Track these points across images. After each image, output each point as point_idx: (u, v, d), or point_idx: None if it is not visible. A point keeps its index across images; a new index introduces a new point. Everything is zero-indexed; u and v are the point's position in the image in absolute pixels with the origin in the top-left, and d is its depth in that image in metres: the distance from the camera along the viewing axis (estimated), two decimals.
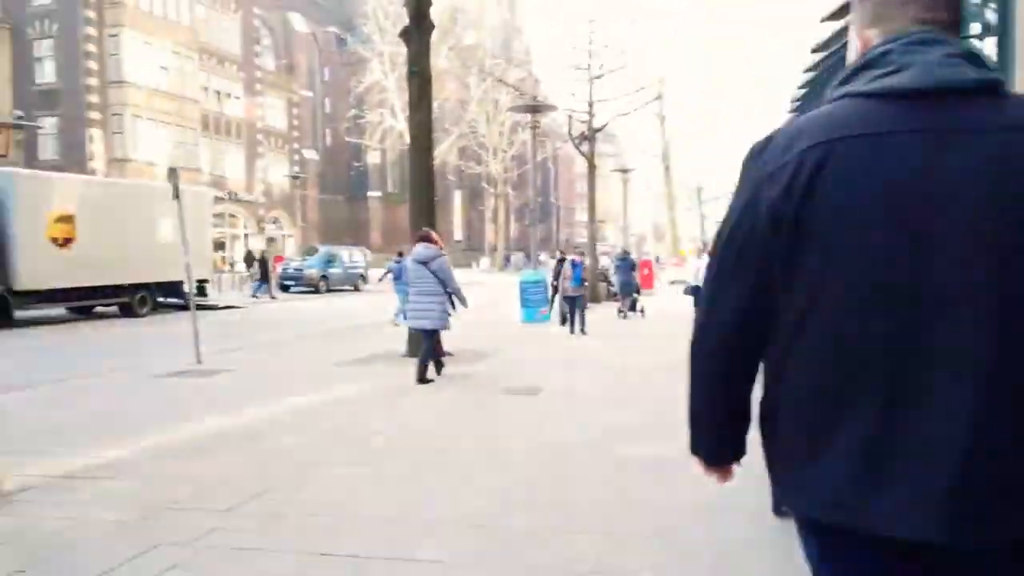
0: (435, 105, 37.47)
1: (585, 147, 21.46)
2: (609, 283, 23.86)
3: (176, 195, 10.12)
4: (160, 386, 8.27)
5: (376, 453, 5.19)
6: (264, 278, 24.93)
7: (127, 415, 6.61)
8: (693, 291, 14.33)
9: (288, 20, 56.77)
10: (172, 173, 10.08)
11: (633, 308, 16.92)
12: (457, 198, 65.34)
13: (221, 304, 20.47)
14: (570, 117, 20.86)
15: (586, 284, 12.20)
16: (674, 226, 39.21)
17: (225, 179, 36.57)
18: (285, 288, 27.66)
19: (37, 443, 5.56)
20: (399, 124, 41.26)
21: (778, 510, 3.43)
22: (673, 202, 38.51)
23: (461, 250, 64.14)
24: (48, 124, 30.17)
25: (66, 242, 15.52)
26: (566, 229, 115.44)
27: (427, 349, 8.14)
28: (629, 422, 6.04)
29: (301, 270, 27.32)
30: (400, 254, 20.21)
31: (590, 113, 21.61)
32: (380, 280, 19.38)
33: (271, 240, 39.08)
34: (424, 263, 7.93)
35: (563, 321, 13.08)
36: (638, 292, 18.02)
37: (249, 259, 27.97)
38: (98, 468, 4.86)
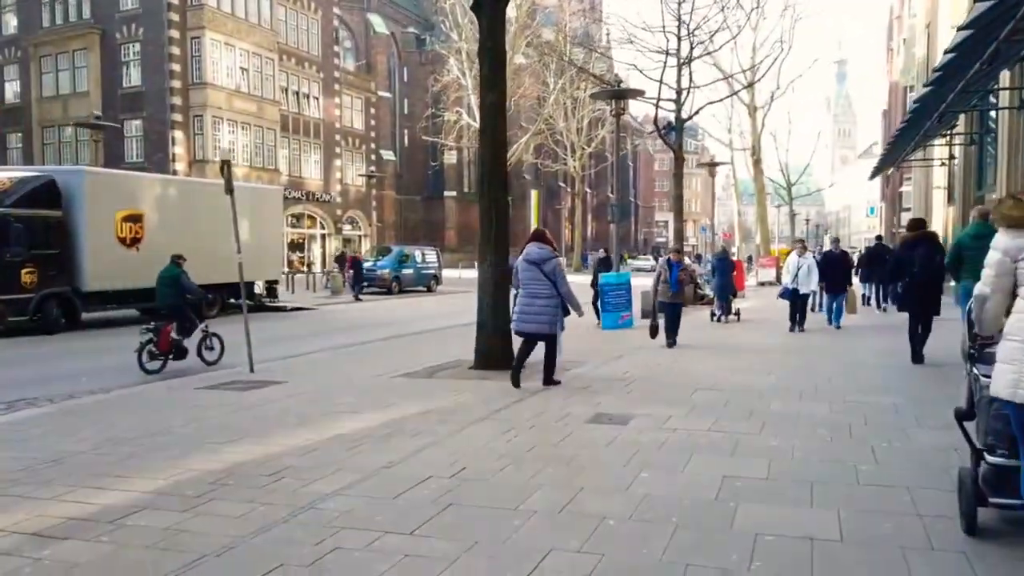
0: (511, 102, 36.21)
1: (672, 138, 19.82)
2: (697, 285, 22.13)
3: (229, 189, 9.28)
4: (193, 401, 7.36)
5: (419, 512, 3.96)
6: (358, 278, 24.54)
7: (128, 443, 5.63)
8: (790, 295, 12.73)
9: (368, 21, 57.13)
10: (225, 167, 9.26)
11: (728, 312, 15.50)
12: (533, 197, 64.08)
13: (291, 306, 19.93)
14: (656, 106, 19.28)
15: (684, 289, 10.73)
16: (764, 224, 36.68)
17: (303, 180, 36.65)
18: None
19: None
20: (476, 122, 40.46)
21: None
22: (763, 198, 36.01)
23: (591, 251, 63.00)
24: (134, 127, 30.81)
25: (134, 242, 15.16)
26: (645, 228, 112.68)
27: (551, 355, 7.75)
28: (754, 474, 4.60)
29: (374, 270, 26.74)
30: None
31: (678, 101, 19.95)
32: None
33: (348, 241, 39.08)
34: (536, 264, 7.51)
35: (653, 333, 11.13)
36: (734, 295, 16.41)
37: (341, 260, 27.46)
38: (25, 537, 3.83)
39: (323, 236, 38.98)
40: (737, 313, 15.99)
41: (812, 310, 14.43)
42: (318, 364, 10.25)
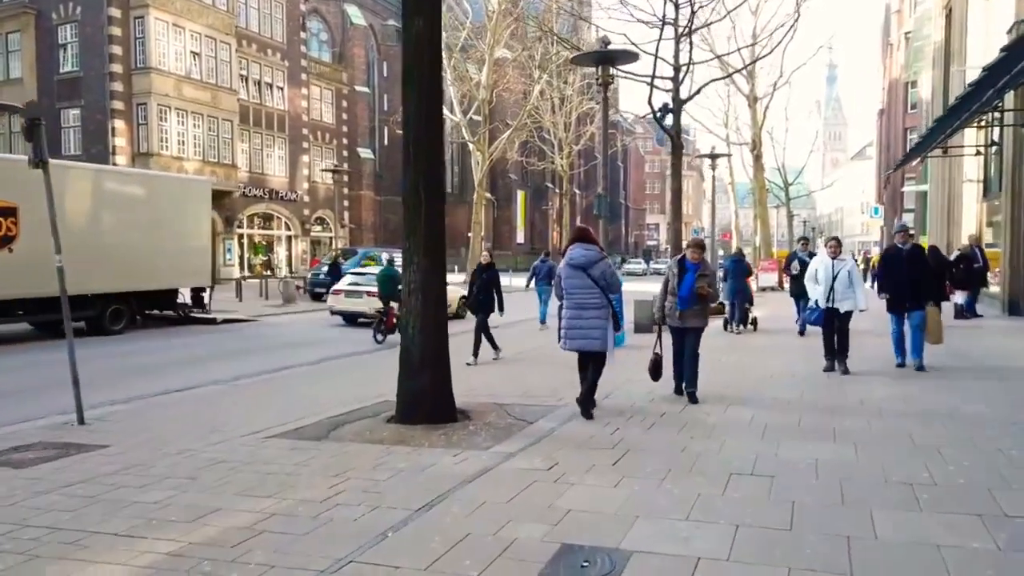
0: (492, 94, 33.28)
1: (668, 122, 17.06)
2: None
3: (38, 162, 6.37)
4: None
5: None
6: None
7: None
8: (822, 318, 8.44)
9: (345, 12, 54.22)
10: (32, 128, 6.28)
11: (744, 321, 13.60)
12: (519, 198, 61.37)
13: (223, 317, 16.97)
14: (651, 85, 16.51)
15: (706, 304, 6.94)
16: (765, 225, 33.99)
17: (265, 176, 33.70)
18: (317, 296, 24.24)
19: None
20: (455, 117, 37.62)
21: None
22: (764, 196, 33.36)
23: (524, 253, 60.17)
24: (71, 116, 27.81)
25: (4, 241, 12.22)
26: (635, 231, 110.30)
27: (594, 378, 6.47)
28: None
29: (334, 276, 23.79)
30: (547, 254, 18.44)
31: (676, 79, 17.19)
32: (527, 288, 17.25)
33: (317, 243, 36.11)
34: (583, 268, 6.32)
35: (654, 373, 7.02)
36: (751, 303, 14.05)
37: (335, 268, 23.05)
38: None
39: (289, 238, 36.02)
40: (754, 322, 13.89)
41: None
42: (185, 409, 7.37)
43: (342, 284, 16.98)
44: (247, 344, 13.64)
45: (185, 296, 16.37)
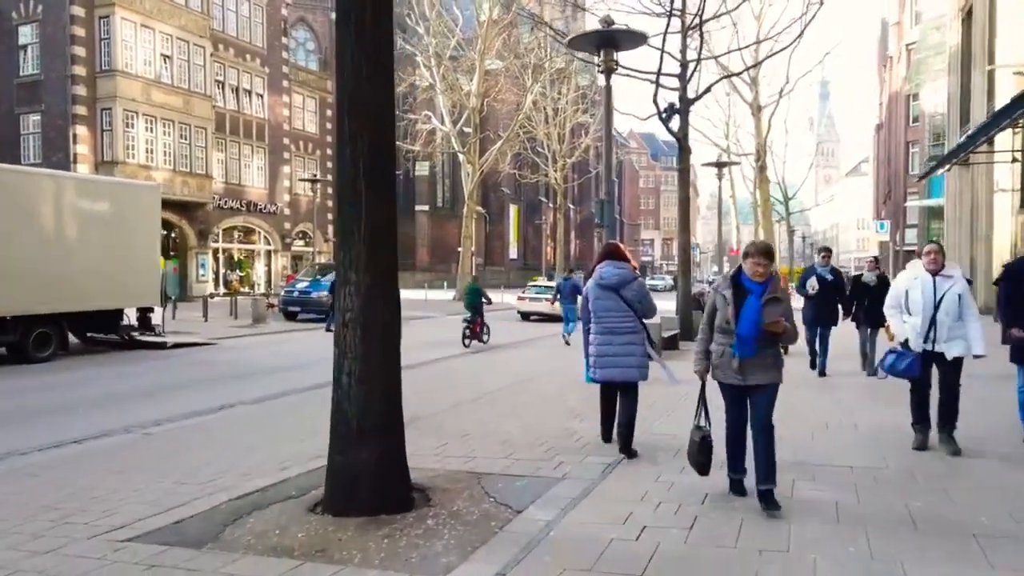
0: (483, 103, 31.54)
1: (674, 123, 15.34)
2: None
3: None
4: None
5: None
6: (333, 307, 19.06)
7: None
8: (916, 368, 5.55)
9: (333, 21, 52.74)
10: None
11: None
12: (512, 212, 59.69)
13: (175, 341, 15.01)
14: (656, 83, 14.79)
15: (783, 344, 4.54)
16: (770, 240, 32.29)
17: (243, 188, 31.83)
18: (291, 316, 22.33)
19: None
20: (445, 127, 35.95)
21: None
22: (768, 209, 31.67)
23: (517, 269, 58.40)
24: (31, 123, 25.95)
25: None
26: (629, 247, 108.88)
27: (631, 412, 5.63)
28: None
29: (309, 292, 21.91)
30: (571, 271, 20.03)
31: (683, 77, 15.50)
32: (553, 303, 18.57)
33: (298, 258, 34.22)
34: (614, 289, 5.61)
35: (701, 465, 4.61)
36: None
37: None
38: None
39: (269, 252, 34.11)
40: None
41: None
42: (48, 478, 5.46)
43: (527, 292, 25.15)
44: (192, 375, 11.71)
45: (131, 317, 14.43)
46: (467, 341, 15.08)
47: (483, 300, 15.70)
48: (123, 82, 25.29)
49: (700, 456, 4.51)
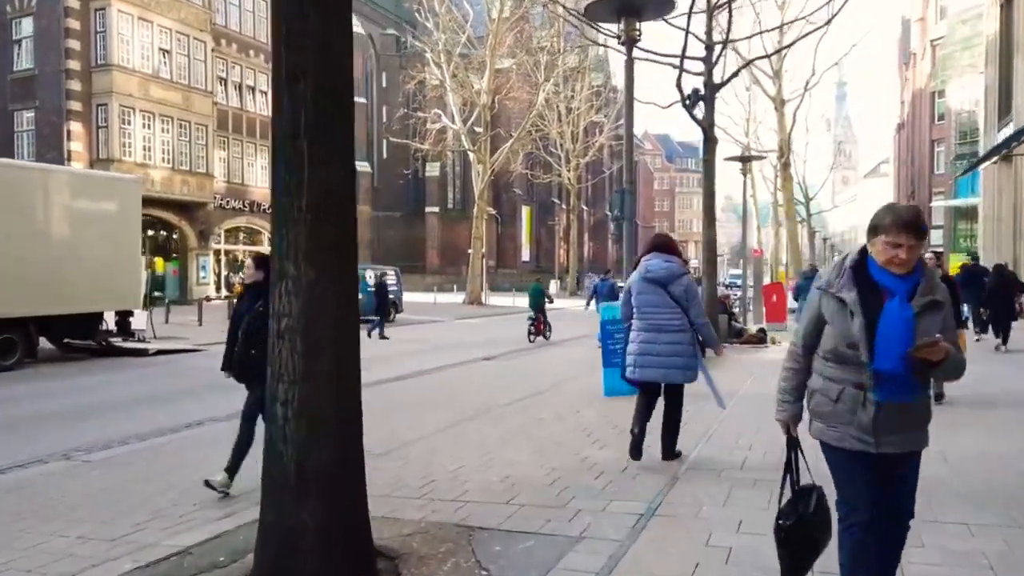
0: (494, 100, 30.45)
1: (699, 111, 14.09)
2: (732, 316, 16.38)
3: None
4: None
5: None
6: (381, 311, 18.21)
7: None
8: None
9: None
10: None
11: None
12: (524, 214, 58.49)
13: (154, 348, 13.88)
14: (680, 67, 13.54)
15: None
16: (793, 240, 30.81)
17: (246, 188, 30.85)
18: None
19: None
20: (455, 125, 34.83)
21: None
22: (792, 210, 30.22)
23: (529, 271, 57.16)
24: (25, 119, 25.09)
25: None
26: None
27: (676, 416, 5.30)
28: None
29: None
30: (607, 272, 19.52)
31: (708, 60, 14.25)
32: (587, 308, 18.51)
33: None
34: (662, 284, 5.23)
35: (795, 546, 2.75)
36: None
37: (382, 292, 19.39)
38: None
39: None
40: None
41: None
42: None
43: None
44: (168, 386, 10.61)
45: (107, 322, 13.34)
46: (532, 337, 16.18)
47: (546, 299, 17.45)
48: (119, 77, 24.36)
49: (794, 560, 2.76)
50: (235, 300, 22.65)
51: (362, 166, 52.48)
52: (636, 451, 5.26)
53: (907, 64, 73.30)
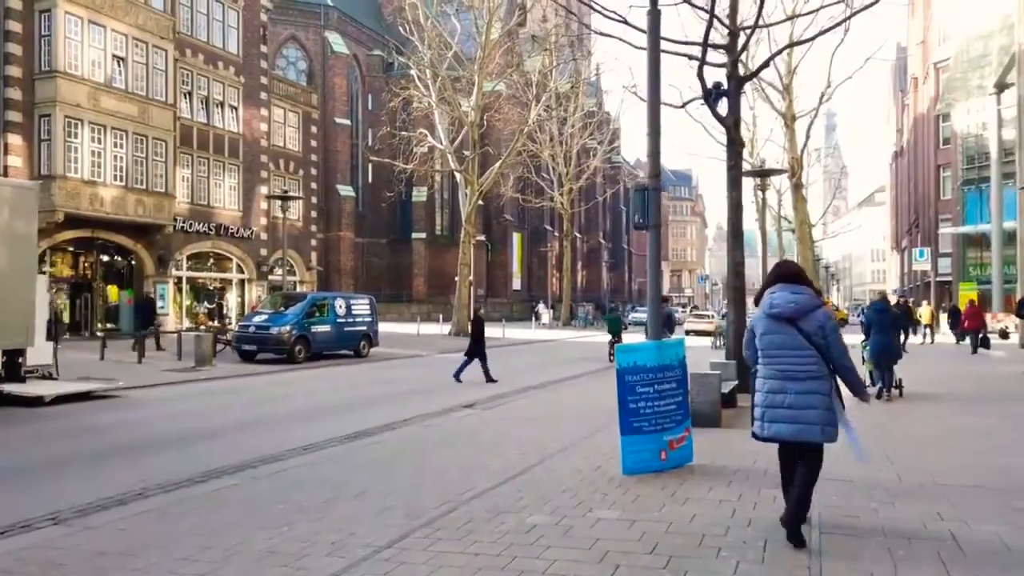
0: (482, 118, 28.15)
1: (722, 107, 11.77)
2: None
3: None
4: None
5: None
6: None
7: None
8: None
9: (326, 39, 49.92)
10: None
11: (890, 386, 11.08)
12: (515, 241, 56.13)
13: (50, 395, 11.14)
14: (702, 59, 11.23)
15: None
16: (809, 266, 28.47)
17: (212, 209, 28.32)
18: (248, 355, 18.56)
19: None
20: (440, 144, 32.58)
21: None
22: (806, 233, 27.93)
23: (521, 301, 54.63)
24: None
25: None
26: (639, 278, 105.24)
27: (809, 481, 4.45)
28: None
29: (267, 327, 18.16)
30: (665, 299, 18.42)
31: (732, 48, 11.95)
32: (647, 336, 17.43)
33: (276, 288, 30.48)
34: (791, 321, 4.48)
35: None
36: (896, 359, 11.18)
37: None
38: None
39: (243, 282, 30.47)
40: (899, 385, 11.33)
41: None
42: None
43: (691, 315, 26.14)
44: (47, 451, 7.98)
45: None
46: (611, 358, 16.34)
47: (623, 326, 19.60)
48: (65, 85, 21.94)
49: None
50: (201, 331, 20.01)
51: (346, 191, 50.22)
52: (794, 532, 4.34)
53: (904, 91, 72.20)
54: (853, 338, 10.84)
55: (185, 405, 11.66)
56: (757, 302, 4.76)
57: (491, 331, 35.34)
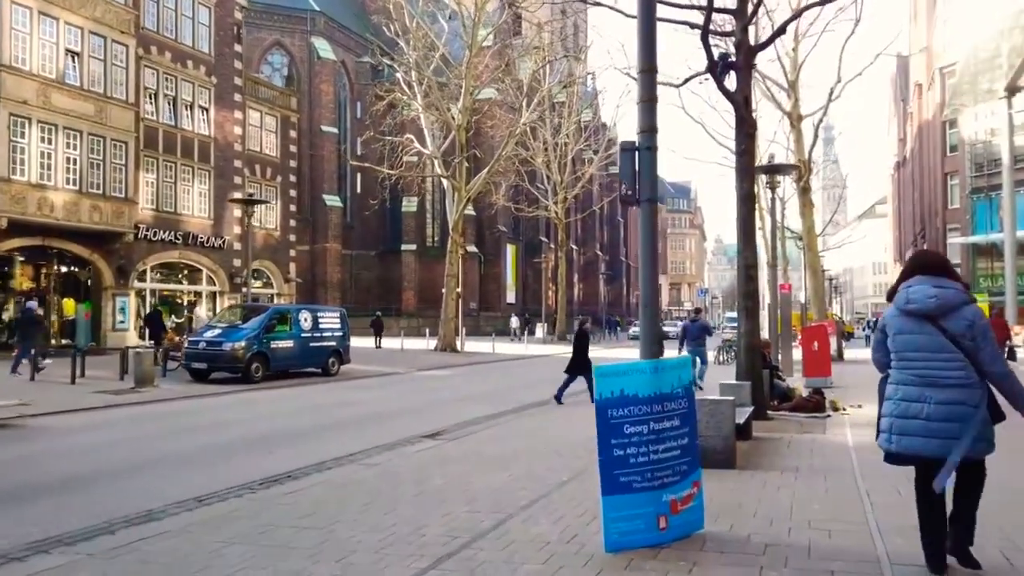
0: (471, 122, 26.28)
1: (731, 81, 9.99)
2: (776, 371, 12.09)
3: None
4: None
5: None
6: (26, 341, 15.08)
7: None
8: None
9: (312, 45, 48.34)
10: None
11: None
12: (509, 252, 54.29)
13: None
14: (706, 23, 9.48)
15: None
16: (816, 275, 26.52)
17: (180, 217, 26.49)
18: (197, 374, 16.64)
19: None
20: (428, 149, 30.83)
21: None
22: (814, 240, 26.08)
23: (515, 314, 52.67)
24: None
25: None
26: (637, 292, 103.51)
27: (973, 498, 3.89)
28: None
29: (220, 343, 16.24)
30: (698, 311, 18.43)
31: (743, 13, 10.19)
32: (681, 350, 15.57)
33: (255, 299, 28.53)
34: (932, 319, 3.84)
35: None
36: None
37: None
38: None
39: (214, 295, 28.58)
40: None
41: None
42: None
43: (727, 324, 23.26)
44: None
45: None
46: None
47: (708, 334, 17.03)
48: (11, 80, 20.17)
49: None
50: (145, 347, 18.05)
51: (333, 201, 48.37)
52: (937, 566, 3.83)
53: (906, 99, 70.74)
54: (862, 352, 8.95)
55: (92, 437, 9.75)
56: (890, 297, 4.12)
57: (479, 346, 33.55)
